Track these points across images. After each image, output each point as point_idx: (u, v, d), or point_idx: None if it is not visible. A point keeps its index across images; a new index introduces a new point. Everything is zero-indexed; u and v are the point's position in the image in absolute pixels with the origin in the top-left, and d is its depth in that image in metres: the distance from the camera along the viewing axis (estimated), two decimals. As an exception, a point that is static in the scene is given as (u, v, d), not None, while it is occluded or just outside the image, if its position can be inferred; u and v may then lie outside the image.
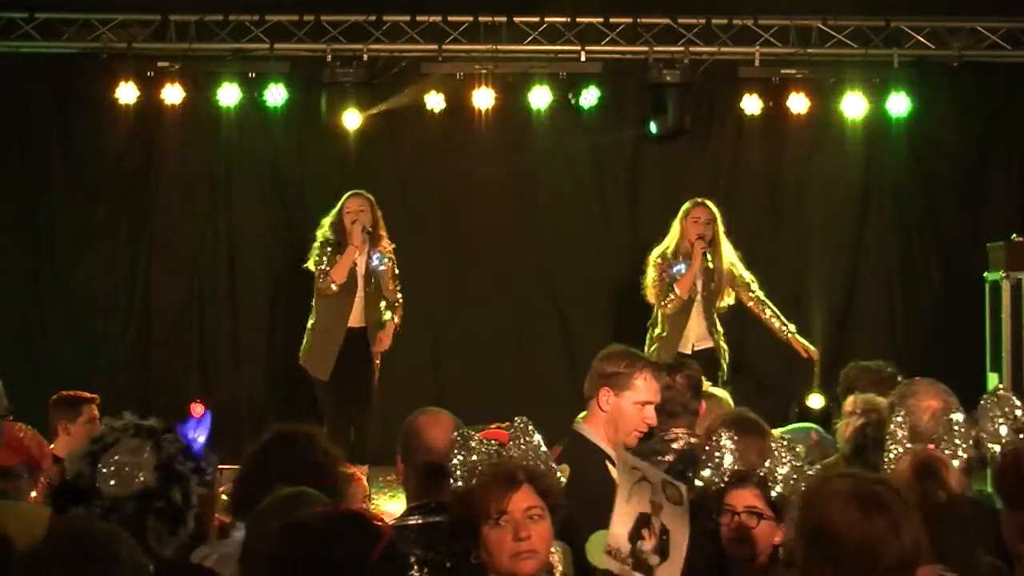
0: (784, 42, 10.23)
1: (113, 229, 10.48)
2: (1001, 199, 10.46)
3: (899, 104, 10.12)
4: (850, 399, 5.31)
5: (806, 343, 8.61)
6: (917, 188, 10.65)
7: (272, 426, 4.06)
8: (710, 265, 8.50)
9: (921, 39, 10.24)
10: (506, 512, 3.54)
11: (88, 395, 6.64)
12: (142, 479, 3.31)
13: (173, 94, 10.02)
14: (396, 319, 8.68)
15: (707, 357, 8.49)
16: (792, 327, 8.61)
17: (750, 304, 8.62)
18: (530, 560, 3.56)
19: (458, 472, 3.76)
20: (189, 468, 3.41)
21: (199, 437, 4.49)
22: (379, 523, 2.75)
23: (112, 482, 3.29)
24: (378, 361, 8.69)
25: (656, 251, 8.61)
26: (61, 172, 10.37)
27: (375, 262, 8.57)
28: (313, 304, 8.65)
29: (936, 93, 10.29)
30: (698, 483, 4.12)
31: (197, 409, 5.43)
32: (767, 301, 8.62)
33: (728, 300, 8.62)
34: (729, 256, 8.59)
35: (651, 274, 8.56)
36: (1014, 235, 9.28)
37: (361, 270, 8.58)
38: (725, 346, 8.61)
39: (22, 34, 10.10)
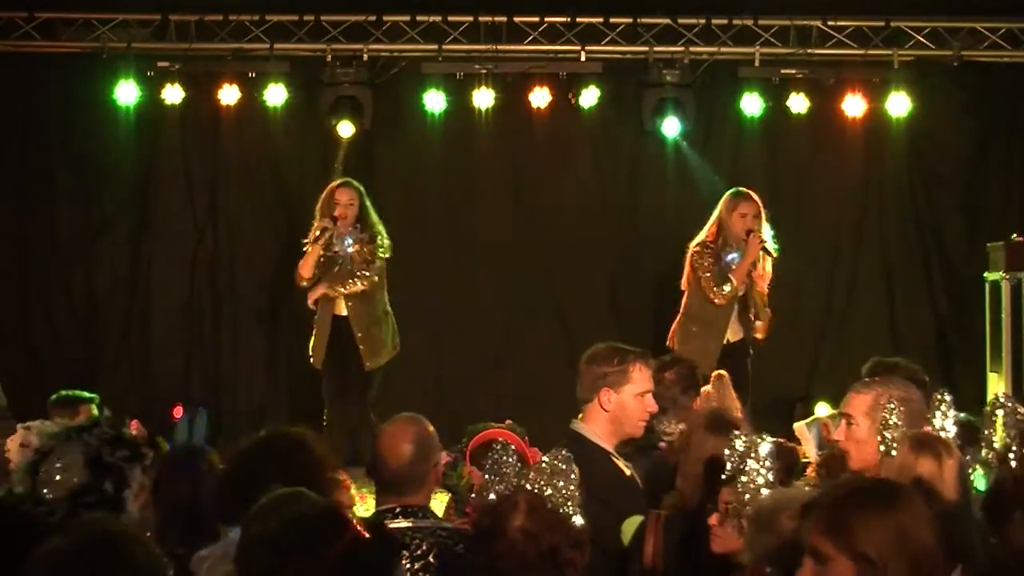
0: (784, 42, 10.22)
1: (113, 229, 10.49)
2: (1001, 199, 10.44)
3: (899, 104, 10.10)
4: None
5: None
6: (917, 188, 10.63)
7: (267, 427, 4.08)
8: (773, 256, 8.46)
9: (921, 39, 10.23)
10: None
11: (87, 395, 6.67)
12: (76, 479, 3.36)
13: (173, 94, 10.03)
14: (335, 289, 8.58)
15: (740, 349, 8.50)
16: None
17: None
18: None
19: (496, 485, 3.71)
20: (122, 457, 3.44)
21: (196, 437, 4.49)
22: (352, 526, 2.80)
23: (48, 488, 3.35)
24: (363, 345, 8.64)
25: (694, 242, 8.48)
26: (61, 172, 10.37)
27: (345, 244, 8.61)
28: None
29: (936, 93, 10.28)
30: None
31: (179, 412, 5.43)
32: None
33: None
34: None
35: (699, 265, 8.38)
36: (1014, 235, 9.27)
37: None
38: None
39: (22, 34, 10.10)
